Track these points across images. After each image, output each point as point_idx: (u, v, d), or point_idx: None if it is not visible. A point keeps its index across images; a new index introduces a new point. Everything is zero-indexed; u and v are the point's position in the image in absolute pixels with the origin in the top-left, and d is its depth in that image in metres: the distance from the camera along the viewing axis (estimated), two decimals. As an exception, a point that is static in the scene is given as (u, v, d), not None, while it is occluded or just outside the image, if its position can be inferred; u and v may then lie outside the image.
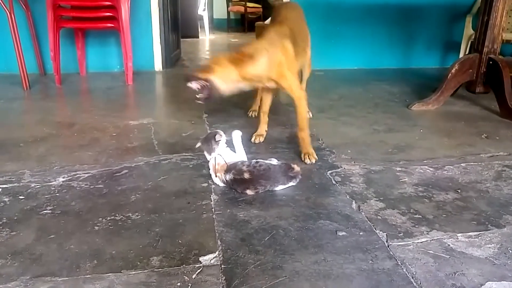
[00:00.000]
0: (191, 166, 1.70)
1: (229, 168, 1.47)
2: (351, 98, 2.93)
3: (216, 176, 1.51)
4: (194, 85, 1.56)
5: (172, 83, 3.38)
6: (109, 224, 1.26)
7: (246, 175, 1.43)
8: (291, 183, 1.50)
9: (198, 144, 1.59)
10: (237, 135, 1.59)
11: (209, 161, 1.56)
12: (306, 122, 1.78)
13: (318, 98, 2.92)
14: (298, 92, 1.72)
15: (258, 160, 1.50)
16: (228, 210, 1.34)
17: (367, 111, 2.60)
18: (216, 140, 1.52)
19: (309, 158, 1.72)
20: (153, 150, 1.85)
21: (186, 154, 1.83)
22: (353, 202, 1.41)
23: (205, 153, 1.56)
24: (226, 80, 1.56)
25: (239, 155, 1.57)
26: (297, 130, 1.82)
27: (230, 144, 1.58)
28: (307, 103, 1.91)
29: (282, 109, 2.70)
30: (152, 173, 1.63)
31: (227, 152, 1.55)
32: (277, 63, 1.62)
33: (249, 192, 1.44)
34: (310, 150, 1.76)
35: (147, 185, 1.52)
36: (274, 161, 1.53)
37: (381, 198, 1.44)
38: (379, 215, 1.33)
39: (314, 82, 3.53)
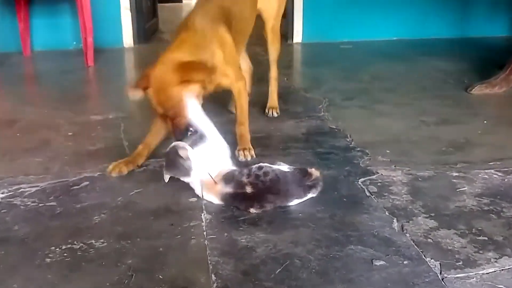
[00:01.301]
0: (174, 175, 1.69)
1: (225, 179, 1.46)
2: (389, 79, 2.93)
3: (208, 194, 1.50)
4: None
5: (148, 64, 3.37)
6: (65, 254, 1.26)
7: (248, 189, 1.42)
8: (310, 195, 1.50)
9: (167, 177, 1.56)
10: (193, 104, 1.57)
11: (190, 183, 1.54)
12: (246, 115, 1.92)
13: (345, 80, 2.92)
14: (237, 85, 1.89)
15: (262, 165, 1.49)
16: (225, 234, 1.34)
17: (411, 96, 2.59)
18: (182, 156, 1.49)
19: (244, 155, 1.82)
20: (124, 154, 1.83)
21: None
22: (394, 220, 1.41)
23: (183, 178, 1.54)
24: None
25: (214, 140, 1.55)
26: (235, 125, 1.91)
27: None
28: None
29: (295, 95, 2.69)
30: (123, 185, 1.63)
31: (203, 152, 1.53)
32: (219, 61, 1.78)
33: (253, 210, 1.44)
34: (248, 146, 1.88)
35: (116, 202, 1.52)
36: (284, 167, 1.52)
37: (432, 214, 1.43)
38: (429, 238, 1.32)
39: (339, 58, 3.52)
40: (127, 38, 3.83)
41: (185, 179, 1.55)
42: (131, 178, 1.69)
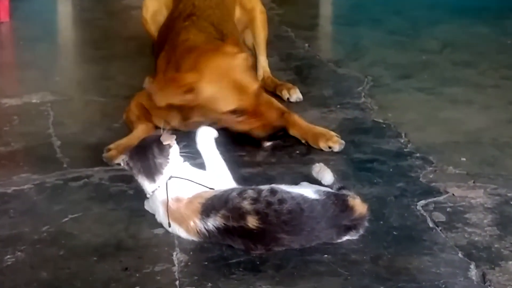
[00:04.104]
0: (131, 192, 1.66)
1: (212, 206, 1.43)
2: (466, 47, 2.91)
3: (178, 226, 1.48)
4: None
5: (92, 18, 3.34)
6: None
7: (252, 221, 1.39)
8: (346, 238, 1.47)
9: (122, 159, 1.55)
10: (206, 134, 1.58)
11: (150, 195, 1.52)
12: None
13: (398, 47, 2.89)
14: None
15: (275, 187, 1.45)
16: (209, 284, 1.31)
17: (500, 74, 2.56)
18: (161, 149, 1.48)
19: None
20: (53, 159, 1.86)
21: (121, 166, 1.77)
22: (472, 265, 1.38)
23: (140, 178, 1.50)
24: None
25: (216, 175, 1.55)
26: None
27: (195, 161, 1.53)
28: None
29: (322, 71, 2.64)
30: (50, 208, 1.61)
31: (190, 171, 1.53)
32: None
33: (255, 252, 1.42)
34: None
35: (39, 233, 1.49)
36: (308, 190, 1.48)
37: (532, 258, 1.36)
38: (525, 293, 1.25)
39: (389, 14, 3.46)
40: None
41: (145, 183, 1.50)
42: (64, 195, 1.64)
